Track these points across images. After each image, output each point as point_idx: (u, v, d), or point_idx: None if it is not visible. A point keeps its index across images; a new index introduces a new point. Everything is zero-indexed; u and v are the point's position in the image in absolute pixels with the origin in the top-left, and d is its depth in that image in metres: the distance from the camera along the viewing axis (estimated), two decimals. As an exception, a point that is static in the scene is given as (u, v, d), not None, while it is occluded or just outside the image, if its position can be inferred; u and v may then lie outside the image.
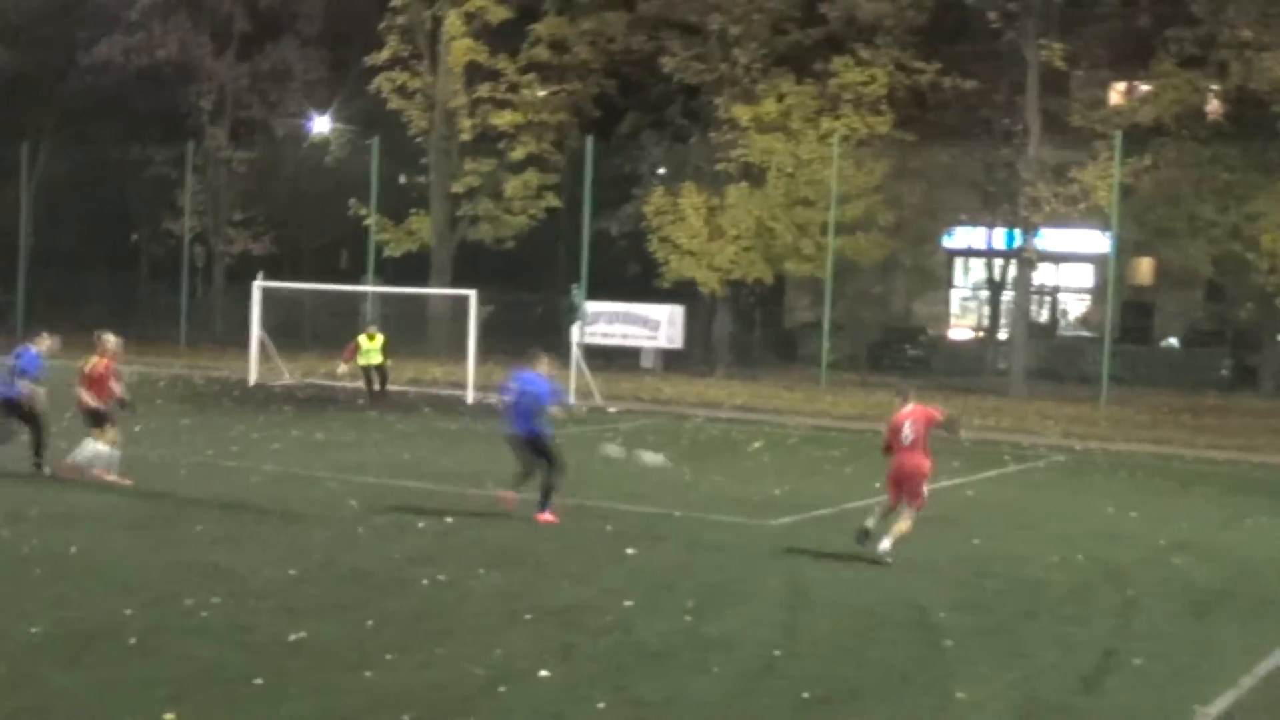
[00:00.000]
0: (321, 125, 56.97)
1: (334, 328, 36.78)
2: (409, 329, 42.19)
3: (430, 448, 24.77)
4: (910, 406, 15.93)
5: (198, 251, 54.91)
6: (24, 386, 19.80)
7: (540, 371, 17.68)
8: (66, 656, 10.54)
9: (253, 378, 36.82)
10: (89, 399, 19.31)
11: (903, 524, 15.47)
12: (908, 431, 15.70)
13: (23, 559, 13.85)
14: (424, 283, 48.08)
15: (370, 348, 33.24)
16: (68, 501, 17.35)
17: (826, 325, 42.29)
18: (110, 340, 19.77)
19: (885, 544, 15.23)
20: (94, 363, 19.49)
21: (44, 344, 20.43)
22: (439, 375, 38.33)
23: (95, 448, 19.18)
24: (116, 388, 19.73)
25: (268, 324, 37.69)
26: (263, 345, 37.41)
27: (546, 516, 17.10)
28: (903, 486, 15.69)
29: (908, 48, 43.81)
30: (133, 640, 10.95)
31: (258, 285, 37.91)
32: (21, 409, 19.83)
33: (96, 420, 19.34)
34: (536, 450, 17.42)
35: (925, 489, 15.78)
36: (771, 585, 14.02)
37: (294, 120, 57.98)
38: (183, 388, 34.71)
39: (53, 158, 58.02)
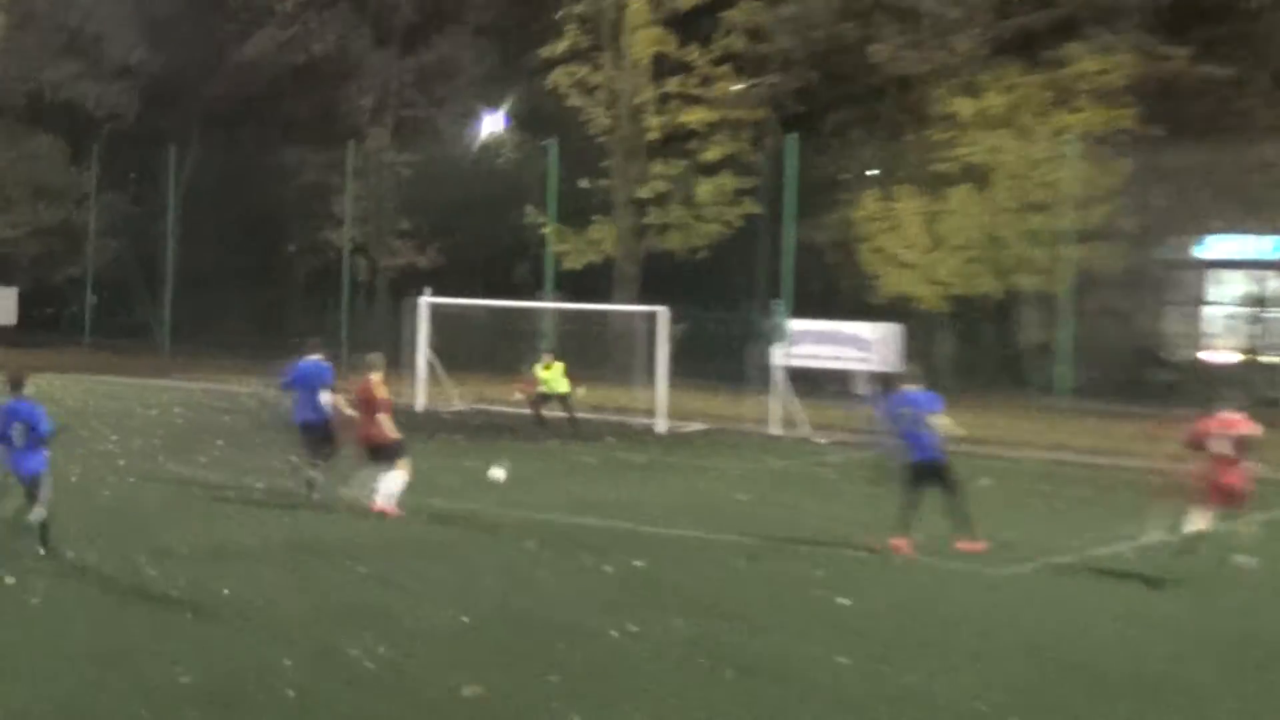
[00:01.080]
0: (493, 124, 57.52)
1: (508, 348, 36.96)
2: (590, 350, 42.21)
3: (617, 482, 24.79)
4: (1229, 414, 16.09)
5: (358, 264, 55.69)
6: (328, 400, 20.71)
7: (915, 387, 18.09)
8: (218, 709, 10.64)
9: (420, 403, 37.19)
10: (386, 428, 19.85)
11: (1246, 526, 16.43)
12: (1221, 442, 15.87)
13: (172, 601, 14.06)
14: (607, 298, 48.26)
15: (549, 376, 33.45)
16: (218, 537, 17.62)
17: (1064, 346, 41.58)
18: (379, 360, 20.55)
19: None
20: (373, 384, 20.08)
21: (319, 354, 21.33)
22: (625, 402, 38.38)
23: (396, 481, 19.65)
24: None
25: (435, 344, 38.02)
26: (431, 367, 37.77)
27: (975, 546, 17.61)
28: (1225, 502, 16.29)
29: (1154, 31, 43.01)
30: (290, 693, 11.03)
31: (424, 301, 38.29)
32: (325, 429, 20.61)
33: (389, 454, 19.77)
34: (938, 477, 17.81)
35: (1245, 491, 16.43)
36: (1004, 642, 13.73)
37: (463, 119, 58.61)
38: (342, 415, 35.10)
39: (199, 163, 59.29)
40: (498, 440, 30.98)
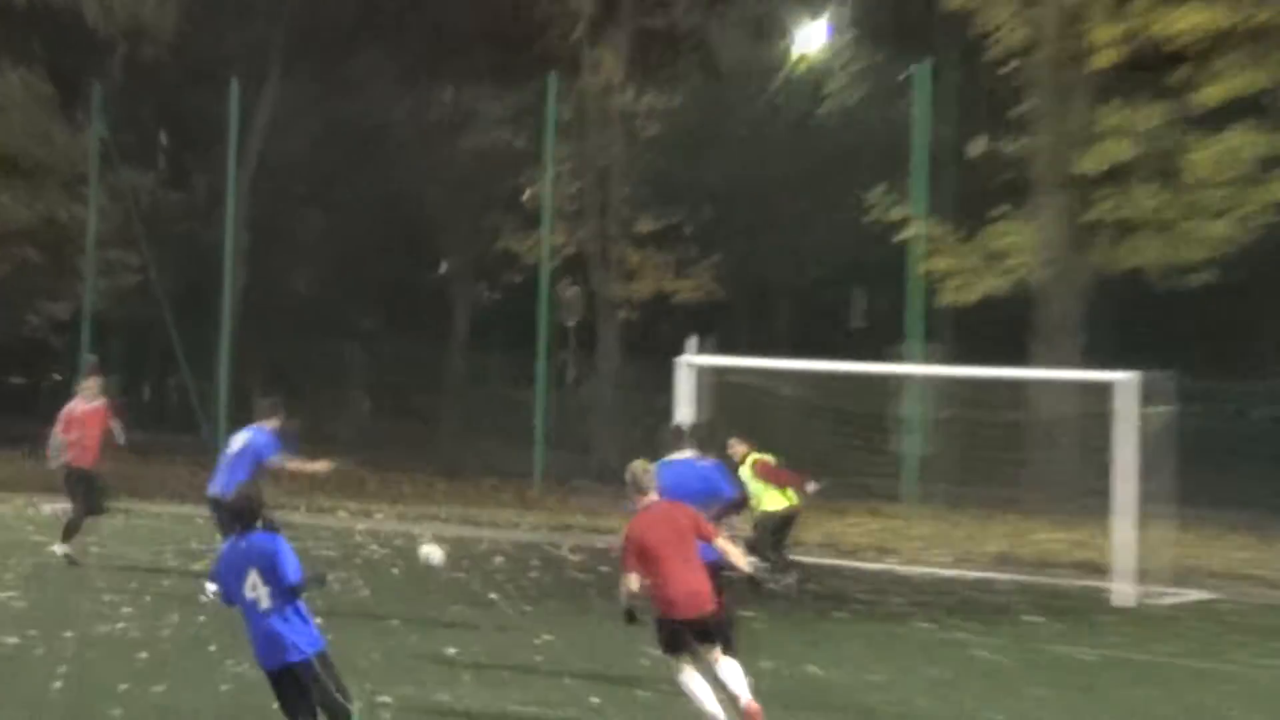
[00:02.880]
0: (809, 42, 57.68)
1: (843, 444, 36.41)
2: (996, 447, 41.86)
3: (1044, 696, 24.22)
4: None
5: (567, 292, 55.84)
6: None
7: None
8: None
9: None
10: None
11: None
12: None
13: None
14: (1021, 356, 47.82)
15: (749, 479, 33.27)
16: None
17: None
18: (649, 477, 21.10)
19: None
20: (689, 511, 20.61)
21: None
22: (1053, 546, 37.98)
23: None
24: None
25: (705, 433, 37.83)
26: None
27: None
28: None
29: None
30: None
31: (687, 361, 38.13)
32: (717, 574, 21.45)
33: (717, 630, 20.57)
34: None
35: None
36: None
37: (755, 35, 58.85)
38: (538, 565, 35.04)
39: (282, 116, 59.86)
40: (825, 613, 30.91)
